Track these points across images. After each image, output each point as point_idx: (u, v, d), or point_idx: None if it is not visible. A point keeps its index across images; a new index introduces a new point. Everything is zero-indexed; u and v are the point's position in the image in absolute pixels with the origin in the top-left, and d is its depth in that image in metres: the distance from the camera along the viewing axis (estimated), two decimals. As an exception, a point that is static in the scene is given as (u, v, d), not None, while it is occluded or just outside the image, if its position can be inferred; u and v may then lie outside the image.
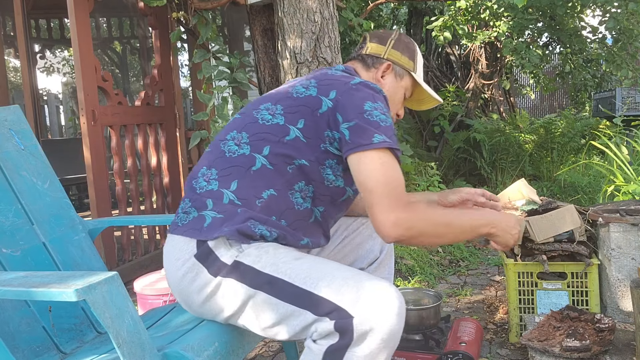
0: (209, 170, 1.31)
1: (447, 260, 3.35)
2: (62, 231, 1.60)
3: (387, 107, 1.32)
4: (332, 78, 1.35)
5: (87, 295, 0.91)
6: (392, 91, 1.51)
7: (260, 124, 1.32)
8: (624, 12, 4.73)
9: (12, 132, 1.61)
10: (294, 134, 1.29)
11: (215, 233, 1.20)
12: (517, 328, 2.12)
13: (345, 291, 1.06)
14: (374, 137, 1.22)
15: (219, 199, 1.25)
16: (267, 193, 1.26)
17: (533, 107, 13.17)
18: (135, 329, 1.02)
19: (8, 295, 0.98)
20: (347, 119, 1.25)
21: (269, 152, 1.29)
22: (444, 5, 6.29)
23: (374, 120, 1.24)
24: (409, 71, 1.53)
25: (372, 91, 1.30)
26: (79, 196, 6.18)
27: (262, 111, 1.34)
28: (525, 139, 6.38)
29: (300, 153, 1.29)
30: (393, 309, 1.04)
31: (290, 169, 1.29)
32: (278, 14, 2.75)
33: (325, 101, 1.29)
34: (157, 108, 3.68)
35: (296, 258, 1.18)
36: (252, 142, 1.31)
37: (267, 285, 1.14)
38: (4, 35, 5.49)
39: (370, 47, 1.54)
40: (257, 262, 1.16)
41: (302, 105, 1.31)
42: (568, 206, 2.06)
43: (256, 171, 1.28)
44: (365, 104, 1.26)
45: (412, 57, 1.53)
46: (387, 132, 1.24)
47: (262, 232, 1.22)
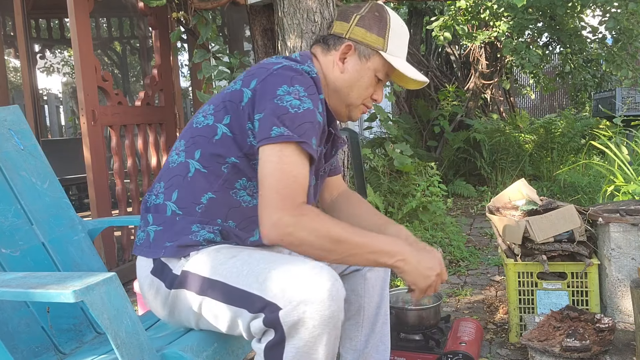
0: (158, 183, 1.32)
1: (447, 260, 3.35)
2: (61, 231, 1.60)
3: (314, 90, 1.21)
4: (260, 66, 1.26)
5: (85, 297, 0.91)
6: (356, 75, 1.33)
7: (194, 128, 1.29)
8: (624, 12, 4.73)
9: (11, 132, 1.61)
10: (221, 132, 1.24)
11: (160, 251, 1.22)
12: (517, 328, 2.12)
13: (273, 283, 1.02)
14: (272, 130, 1.13)
15: (162, 212, 1.26)
16: (205, 197, 1.24)
17: (533, 107, 13.17)
18: (134, 330, 1.01)
19: (6, 296, 0.98)
20: (260, 108, 1.17)
21: (200, 156, 1.25)
22: (444, 5, 6.29)
23: (282, 106, 1.14)
24: (377, 50, 1.32)
25: (293, 73, 1.19)
26: (79, 196, 6.17)
27: (199, 114, 1.31)
28: (525, 139, 6.38)
29: (229, 151, 1.23)
30: (321, 292, 0.99)
31: (224, 168, 1.24)
32: (278, 14, 2.75)
33: (246, 92, 1.22)
34: (157, 108, 3.68)
35: (232, 256, 1.15)
36: (187, 148, 1.28)
37: (210, 290, 1.13)
38: (4, 35, 5.49)
39: (335, 25, 1.37)
40: (200, 268, 1.16)
41: (228, 101, 1.25)
42: (568, 206, 2.06)
43: (192, 177, 1.25)
44: (279, 88, 1.17)
45: (381, 33, 1.32)
46: (295, 121, 1.14)
47: (205, 237, 1.21)
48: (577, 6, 5.09)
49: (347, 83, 1.34)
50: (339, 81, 1.34)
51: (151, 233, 1.25)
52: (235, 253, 1.16)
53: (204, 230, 1.22)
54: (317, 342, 1.00)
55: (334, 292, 1.00)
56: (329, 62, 1.35)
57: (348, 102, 1.36)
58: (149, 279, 1.24)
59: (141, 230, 1.30)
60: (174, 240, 1.21)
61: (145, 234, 1.27)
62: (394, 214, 3.85)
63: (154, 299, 1.25)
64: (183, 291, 1.18)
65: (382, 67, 1.34)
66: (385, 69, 1.35)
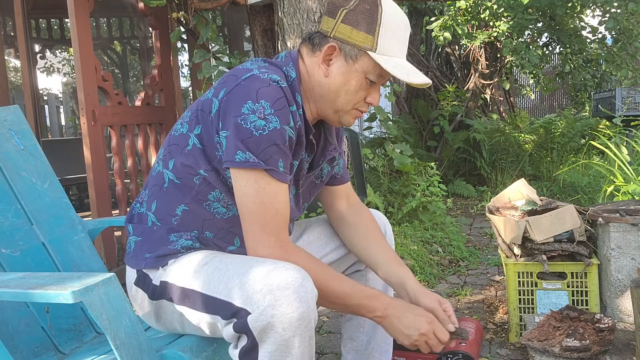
0: (144, 191, 1.31)
1: (447, 260, 3.35)
2: (61, 231, 1.60)
3: (283, 104, 1.13)
4: (232, 73, 1.19)
5: (84, 297, 0.91)
6: (342, 79, 1.20)
7: (171, 136, 1.25)
8: (624, 12, 4.73)
9: (11, 132, 1.61)
10: (192, 142, 1.19)
11: (141, 262, 1.22)
12: (517, 328, 2.12)
13: (241, 289, 1.01)
14: (236, 155, 1.09)
15: (144, 222, 1.25)
16: (179, 209, 1.22)
17: (533, 107, 13.17)
18: (133, 330, 1.01)
19: (5, 297, 0.98)
20: (225, 125, 1.12)
21: (173, 166, 1.22)
22: (444, 5, 6.29)
23: (246, 128, 1.08)
24: (365, 50, 1.17)
25: (259, 85, 1.11)
26: (79, 196, 6.18)
27: (178, 121, 1.27)
28: (525, 139, 6.37)
29: (198, 163, 1.18)
30: (289, 295, 0.97)
31: (196, 180, 1.20)
32: (278, 14, 2.75)
33: (215, 102, 1.15)
34: (157, 108, 3.68)
35: (204, 263, 1.13)
36: (164, 157, 1.25)
37: (187, 299, 1.12)
38: (4, 35, 5.49)
39: (322, 21, 1.23)
40: (176, 278, 1.15)
41: (200, 110, 1.19)
42: (568, 206, 2.06)
43: (167, 188, 1.22)
44: (244, 105, 1.09)
45: (370, 29, 1.16)
46: (260, 145, 1.08)
47: (183, 244, 1.20)
48: (577, 6, 5.09)
49: (332, 87, 1.21)
50: (323, 86, 1.22)
51: (132, 244, 1.26)
52: (208, 260, 1.14)
53: (182, 239, 1.21)
54: (290, 345, 0.99)
55: (302, 293, 0.98)
56: (314, 63, 1.23)
57: (336, 108, 1.24)
58: (134, 289, 1.26)
59: (128, 239, 1.30)
60: (152, 251, 1.21)
61: (130, 242, 1.28)
62: (393, 214, 3.85)
63: (141, 309, 1.27)
64: (163, 301, 1.19)
65: (372, 68, 1.19)
66: (378, 70, 1.20)
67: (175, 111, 3.79)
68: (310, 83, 1.24)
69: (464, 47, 7.12)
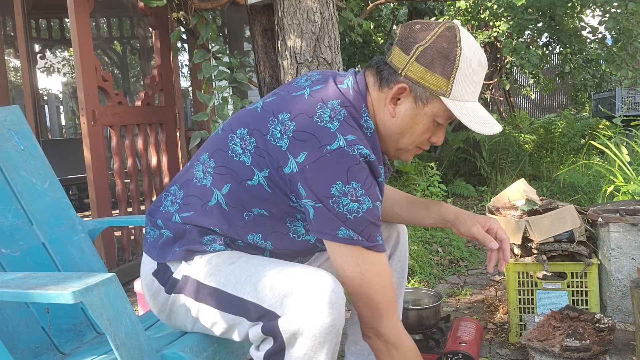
0: (179, 190, 1.24)
1: (447, 260, 3.35)
2: (61, 231, 1.60)
3: (371, 181, 1.08)
4: (311, 130, 1.08)
5: (84, 297, 0.91)
6: (409, 122, 1.15)
7: (228, 156, 1.17)
8: (624, 12, 4.73)
9: (11, 132, 1.61)
10: (257, 181, 1.12)
11: (168, 256, 1.20)
12: (517, 328, 2.12)
13: (271, 291, 1.01)
14: (338, 231, 1.06)
15: (169, 219, 1.22)
16: (215, 228, 1.17)
17: (533, 107, 13.17)
18: (134, 330, 1.01)
19: (5, 297, 0.98)
20: (311, 196, 1.06)
21: (228, 191, 1.15)
22: (444, 5, 6.29)
23: (339, 212, 1.05)
24: (438, 95, 1.11)
25: (349, 163, 1.04)
26: (79, 196, 6.18)
27: (236, 139, 1.17)
28: (525, 139, 6.37)
29: (260, 203, 1.13)
30: (321, 301, 0.96)
31: (246, 216, 1.15)
32: (278, 14, 2.75)
33: (292, 162, 1.07)
34: (157, 108, 3.68)
35: (231, 262, 1.12)
36: (216, 174, 1.17)
37: (209, 297, 1.12)
38: (4, 35, 5.49)
39: (393, 53, 1.14)
40: (200, 274, 1.14)
41: (269, 153, 1.11)
42: (568, 206, 2.06)
43: (211, 207, 1.17)
44: (333, 186, 1.04)
45: (446, 73, 1.08)
46: (358, 226, 1.06)
47: (216, 248, 1.18)
48: (577, 6, 5.09)
49: (397, 129, 1.17)
50: (388, 126, 1.17)
51: (164, 235, 1.22)
52: (234, 259, 1.14)
53: (215, 243, 1.18)
54: (318, 351, 0.98)
55: (334, 299, 0.98)
56: (381, 99, 1.16)
57: (398, 147, 1.21)
58: (149, 279, 1.24)
59: (152, 229, 1.26)
60: (183, 246, 1.19)
61: (156, 235, 1.24)
62: (394, 214, 3.84)
63: (152, 300, 1.25)
64: (181, 296, 1.18)
65: (443, 112, 1.13)
66: (448, 114, 1.14)
67: (175, 111, 3.79)
68: (375, 119, 1.18)
69: (464, 47, 7.10)
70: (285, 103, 1.16)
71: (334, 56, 2.74)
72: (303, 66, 2.70)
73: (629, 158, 3.54)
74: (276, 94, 1.23)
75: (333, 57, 2.74)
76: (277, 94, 1.22)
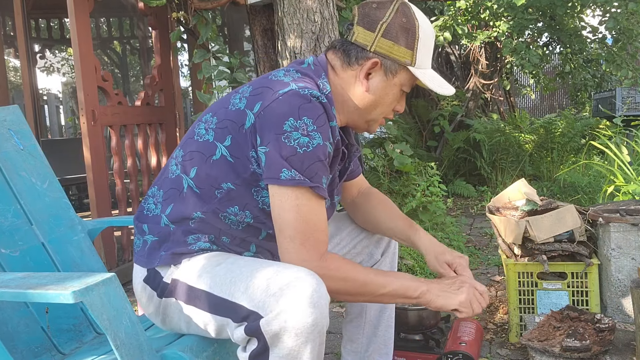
0: (158, 190, 1.27)
1: (447, 260, 3.35)
2: (61, 231, 1.60)
3: (324, 120, 1.12)
4: (267, 84, 1.16)
5: (84, 297, 0.91)
6: (381, 92, 1.23)
7: (194, 140, 1.22)
8: (624, 12, 4.73)
9: (11, 132, 1.61)
10: (219, 153, 1.16)
11: (155, 261, 1.21)
12: (517, 328, 2.12)
13: (254, 292, 1.01)
14: (281, 172, 1.07)
15: (157, 222, 1.23)
16: (196, 215, 1.19)
17: (533, 107, 13.17)
18: (134, 330, 1.01)
19: (5, 297, 0.98)
20: (264, 141, 1.09)
21: (195, 174, 1.19)
22: (444, 5, 6.28)
23: (289, 146, 1.07)
24: (405, 65, 1.20)
25: (300, 101, 1.09)
26: (79, 196, 6.17)
27: (201, 124, 1.23)
28: (525, 139, 6.37)
29: (226, 175, 1.16)
30: (303, 300, 0.96)
31: (218, 193, 1.17)
32: (278, 14, 2.75)
33: (250, 115, 1.13)
34: (157, 108, 3.68)
35: (217, 264, 1.13)
36: (184, 161, 1.22)
37: (198, 299, 1.12)
38: (4, 35, 5.49)
39: (357, 32, 1.21)
40: (189, 277, 1.15)
41: (230, 120, 1.16)
42: (568, 206, 2.06)
43: (185, 194, 1.20)
44: (285, 122, 1.07)
45: (410, 44, 1.19)
46: (304, 162, 1.08)
47: (201, 246, 1.19)
48: (577, 6, 5.09)
49: (371, 102, 1.24)
50: (362, 100, 1.24)
51: (147, 242, 1.24)
52: (221, 260, 1.14)
53: (200, 241, 1.20)
54: (302, 350, 0.98)
55: (316, 298, 0.97)
56: (350, 77, 1.23)
57: (369, 118, 1.28)
58: (141, 285, 1.25)
59: (137, 238, 1.28)
60: (169, 249, 1.20)
61: (141, 242, 1.26)
62: (394, 214, 3.83)
63: (147, 306, 1.26)
64: (172, 300, 1.18)
65: (408, 81, 1.24)
66: (412, 82, 1.24)
67: (175, 111, 3.79)
68: (343, 96, 1.24)
69: (464, 47, 7.12)
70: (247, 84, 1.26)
71: (334, 56, 2.74)
72: (303, 66, 2.69)
73: (629, 158, 3.54)
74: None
75: (333, 57, 2.73)
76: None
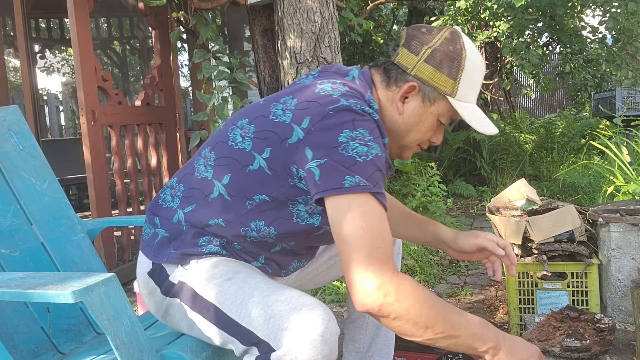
0: (178, 184, 1.24)
1: (447, 260, 3.35)
2: (60, 231, 1.60)
3: (377, 133, 1.08)
4: (314, 99, 1.10)
5: (84, 297, 0.91)
6: (416, 119, 1.19)
7: (228, 146, 1.17)
8: (624, 12, 4.73)
9: (10, 132, 1.61)
10: (257, 164, 1.11)
11: (163, 257, 1.19)
12: (517, 328, 2.12)
13: (265, 321, 1.00)
14: (345, 180, 1.00)
15: (170, 217, 1.21)
16: (214, 221, 1.16)
17: (533, 107, 13.17)
18: (133, 330, 1.01)
19: (5, 297, 0.98)
20: (318, 155, 1.03)
21: (228, 182, 1.15)
22: (444, 5, 6.29)
23: (348, 156, 1.01)
24: (445, 95, 1.15)
25: (354, 115, 1.05)
26: (79, 196, 6.18)
27: (236, 129, 1.18)
28: (525, 139, 6.37)
29: (261, 187, 1.12)
30: (314, 336, 0.95)
31: (249, 204, 1.14)
32: (278, 14, 2.75)
33: (297, 130, 1.07)
34: (157, 108, 3.68)
35: (228, 278, 1.11)
36: (216, 165, 1.18)
37: (205, 309, 1.11)
38: (4, 35, 5.49)
39: (400, 53, 1.17)
40: (197, 283, 1.14)
41: (272, 132, 1.11)
42: (568, 206, 2.06)
43: (213, 200, 1.16)
44: (340, 134, 1.03)
45: (452, 74, 1.14)
46: (366, 170, 1.02)
47: (211, 250, 1.17)
48: (577, 6, 5.10)
49: (404, 127, 1.20)
50: (395, 123, 1.20)
51: (158, 235, 1.22)
52: (231, 274, 1.12)
53: (211, 244, 1.18)
54: None
55: (327, 335, 0.97)
56: (388, 98, 1.19)
57: (401, 144, 1.24)
58: (145, 278, 1.24)
59: (148, 227, 1.26)
60: (178, 248, 1.18)
61: (152, 233, 1.24)
62: (394, 214, 3.84)
63: (149, 299, 1.25)
64: (177, 300, 1.17)
65: (447, 112, 1.18)
66: (451, 114, 1.19)
67: (175, 111, 3.79)
68: (382, 116, 1.19)
69: (464, 47, 7.10)
70: (287, 90, 1.21)
71: (333, 56, 2.74)
72: (303, 66, 2.70)
73: (629, 158, 3.54)
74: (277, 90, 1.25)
75: (333, 57, 2.74)
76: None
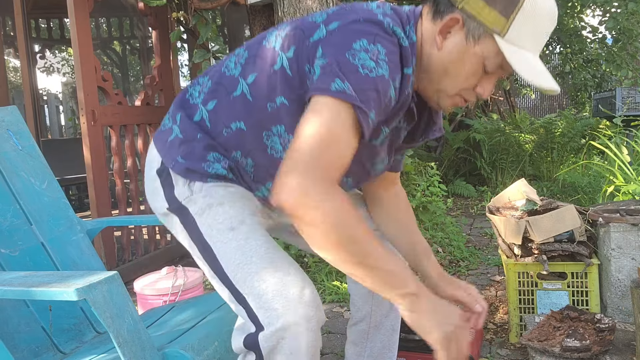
0: (208, 80, 1.17)
1: (447, 260, 3.35)
2: (60, 231, 1.60)
3: (397, 61, 0.98)
4: (353, 9, 1.02)
5: (87, 295, 0.92)
6: (454, 57, 1.02)
7: (262, 46, 1.10)
8: (624, 12, 4.74)
9: (10, 132, 1.61)
10: (280, 64, 1.04)
11: (170, 161, 1.13)
12: (517, 328, 2.12)
13: (259, 297, 1.00)
14: (334, 82, 0.92)
15: (192, 115, 1.15)
16: (236, 125, 1.09)
17: (533, 107, 13.17)
18: (136, 328, 1.02)
19: (9, 295, 0.98)
20: (325, 54, 0.96)
21: (253, 81, 1.08)
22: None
23: (352, 63, 0.93)
24: (492, 33, 0.99)
25: (378, 30, 0.96)
26: (79, 196, 6.17)
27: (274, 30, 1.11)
28: (525, 139, 6.37)
29: (282, 89, 1.04)
30: (301, 321, 0.96)
31: (269, 106, 1.06)
32: (278, 14, 2.75)
33: (322, 29, 1.00)
34: (157, 108, 3.68)
35: (231, 228, 1.06)
36: (246, 64, 1.10)
37: (202, 247, 1.09)
38: (4, 35, 5.49)
39: None
40: (199, 215, 1.09)
41: (300, 29, 1.04)
42: (568, 206, 2.06)
43: (235, 98, 1.10)
44: (357, 41, 0.94)
45: (506, 11, 0.97)
46: (361, 83, 0.92)
47: (217, 171, 1.11)
48: (577, 6, 5.10)
49: (441, 65, 1.05)
50: (432, 60, 1.05)
51: (173, 132, 1.15)
52: (235, 223, 1.06)
53: (218, 164, 1.11)
54: None
55: (313, 323, 0.97)
56: (431, 32, 1.05)
57: (439, 88, 1.08)
58: (153, 174, 1.18)
59: (168, 119, 1.20)
60: (186, 159, 1.11)
61: (169, 127, 1.18)
62: (394, 214, 3.83)
63: (150, 195, 1.20)
64: (177, 219, 1.13)
65: (494, 55, 1.01)
66: (499, 60, 1.01)
67: (175, 111, 3.79)
68: (421, 51, 1.07)
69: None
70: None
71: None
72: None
73: (629, 158, 3.54)
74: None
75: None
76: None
